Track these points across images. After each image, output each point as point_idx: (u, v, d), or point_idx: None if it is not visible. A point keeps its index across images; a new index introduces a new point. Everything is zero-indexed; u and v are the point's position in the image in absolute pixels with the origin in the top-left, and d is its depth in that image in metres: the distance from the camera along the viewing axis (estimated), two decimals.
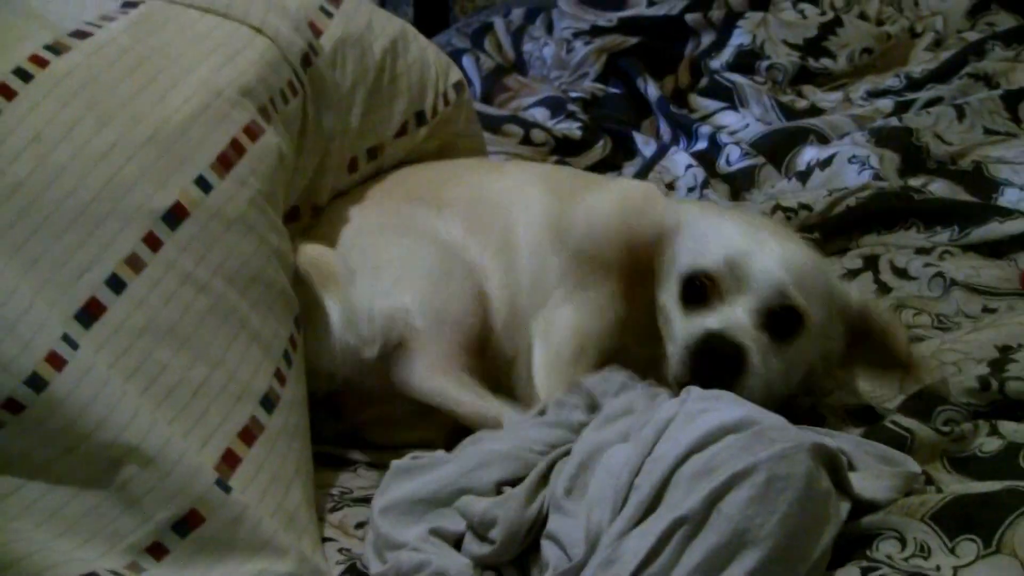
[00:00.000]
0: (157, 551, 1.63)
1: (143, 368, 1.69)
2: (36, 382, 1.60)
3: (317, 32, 2.14)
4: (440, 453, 1.84)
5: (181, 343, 1.73)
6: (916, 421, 1.84)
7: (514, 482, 1.73)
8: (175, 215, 1.77)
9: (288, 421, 1.82)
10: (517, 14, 3.65)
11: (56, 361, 1.62)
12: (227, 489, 1.66)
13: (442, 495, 1.74)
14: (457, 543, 1.70)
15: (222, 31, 1.99)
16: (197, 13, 2.00)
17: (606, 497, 1.56)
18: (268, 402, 1.79)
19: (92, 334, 1.67)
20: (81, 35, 1.86)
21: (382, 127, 2.33)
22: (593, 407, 1.80)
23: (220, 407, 1.74)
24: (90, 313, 1.68)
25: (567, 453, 1.74)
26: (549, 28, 3.56)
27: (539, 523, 1.69)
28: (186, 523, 1.64)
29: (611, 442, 1.68)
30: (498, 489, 1.74)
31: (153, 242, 1.74)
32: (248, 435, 1.74)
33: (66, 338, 1.64)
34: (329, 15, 2.20)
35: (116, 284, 1.71)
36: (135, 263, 1.72)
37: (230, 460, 1.71)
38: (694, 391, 1.66)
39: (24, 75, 1.76)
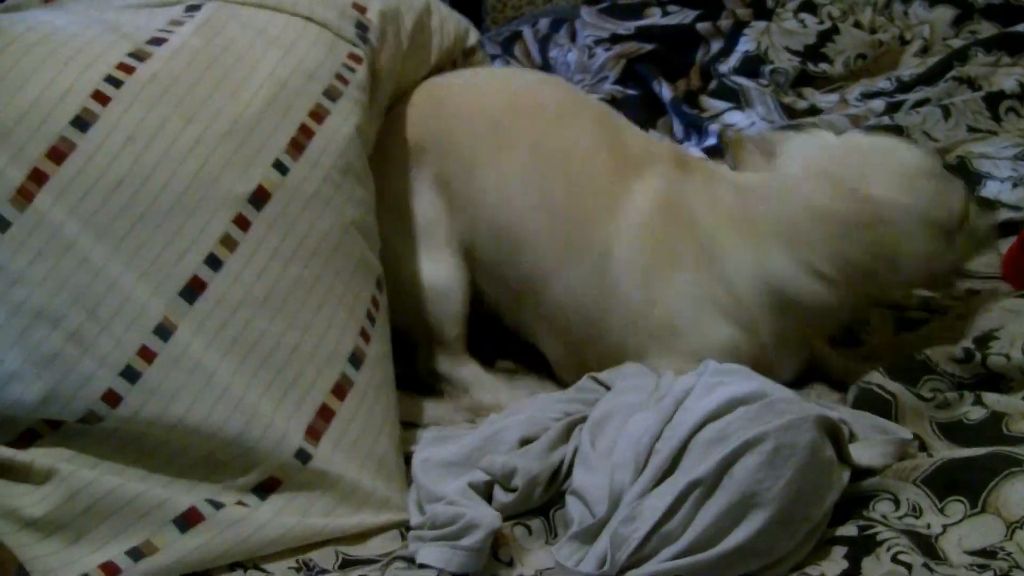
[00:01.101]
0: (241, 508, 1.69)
1: (242, 338, 1.74)
2: (131, 375, 1.66)
3: (361, 10, 2.11)
4: (464, 427, 1.89)
5: (275, 312, 1.77)
6: (900, 385, 1.86)
7: (534, 440, 1.77)
8: (259, 197, 1.80)
9: (375, 375, 1.85)
10: (544, 23, 3.64)
11: (148, 354, 1.68)
12: (306, 458, 1.71)
13: (473, 457, 1.77)
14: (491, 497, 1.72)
15: (277, 24, 1.99)
16: (252, 10, 2.00)
17: (628, 460, 1.58)
18: (356, 359, 1.82)
19: (195, 309, 1.72)
20: (158, 42, 1.86)
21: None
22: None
23: (314, 367, 1.78)
24: (193, 290, 1.73)
25: (583, 419, 1.76)
26: (572, 36, 3.56)
27: (559, 475, 1.71)
28: (263, 488, 1.71)
29: (627, 404, 1.71)
30: (518, 444, 1.77)
31: (243, 223, 1.78)
32: (340, 390, 1.78)
33: (160, 329, 1.69)
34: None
35: (214, 262, 1.74)
36: (229, 243, 1.76)
37: (325, 414, 1.76)
38: (711, 365, 1.67)
39: (115, 82, 1.77)
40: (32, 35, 1.79)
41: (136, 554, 1.63)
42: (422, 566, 1.61)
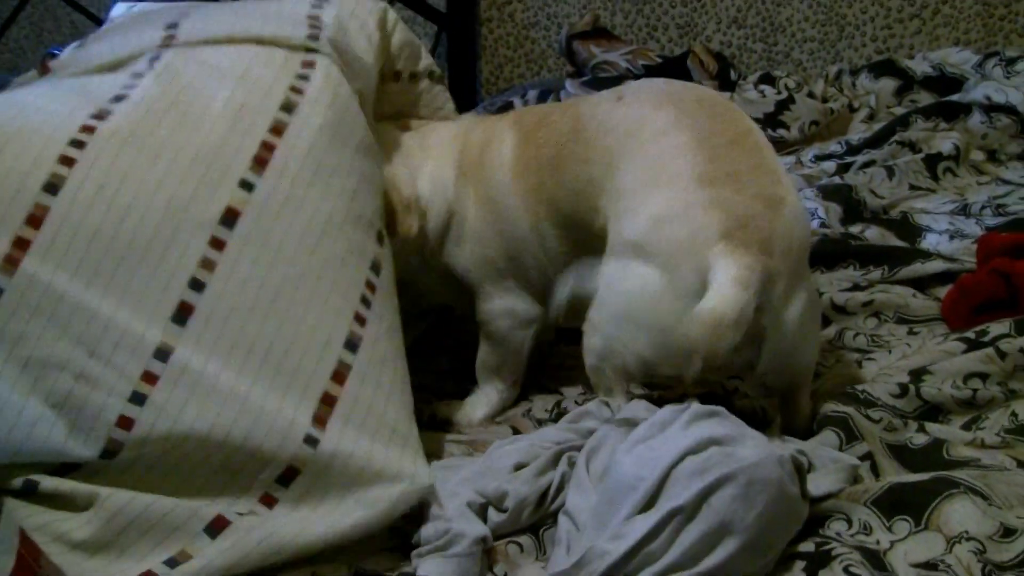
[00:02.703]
0: (268, 501, 1.71)
1: (238, 344, 1.74)
2: (138, 399, 1.67)
3: (315, 19, 2.12)
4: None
5: (265, 315, 1.76)
6: (852, 408, 1.88)
7: (523, 466, 1.78)
8: (229, 217, 1.79)
9: (375, 354, 1.83)
10: (532, 94, 3.66)
11: (151, 378, 1.69)
12: (315, 443, 1.70)
13: (475, 481, 1.77)
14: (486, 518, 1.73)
15: (229, 56, 1.99)
16: (206, 48, 2.01)
17: (619, 490, 1.58)
18: (351, 344, 1.81)
19: (189, 330, 1.72)
20: (119, 99, 1.87)
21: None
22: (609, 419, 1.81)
23: (310, 358, 1.77)
24: (182, 314, 1.72)
25: (572, 448, 1.77)
26: None
27: (547, 498, 1.72)
28: (286, 477, 1.71)
29: (619, 434, 1.72)
30: (511, 470, 1.78)
31: (218, 244, 1.77)
32: (339, 376, 1.77)
33: (159, 352, 1.69)
34: (320, 7, 2.18)
35: (197, 285, 1.74)
36: (208, 264, 1.76)
37: (328, 400, 1.75)
38: (693, 405, 1.67)
39: (79, 144, 1.77)
40: (1, 116, 1.79)
41: (172, 563, 1.64)
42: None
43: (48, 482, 1.67)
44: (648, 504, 1.54)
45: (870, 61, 3.69)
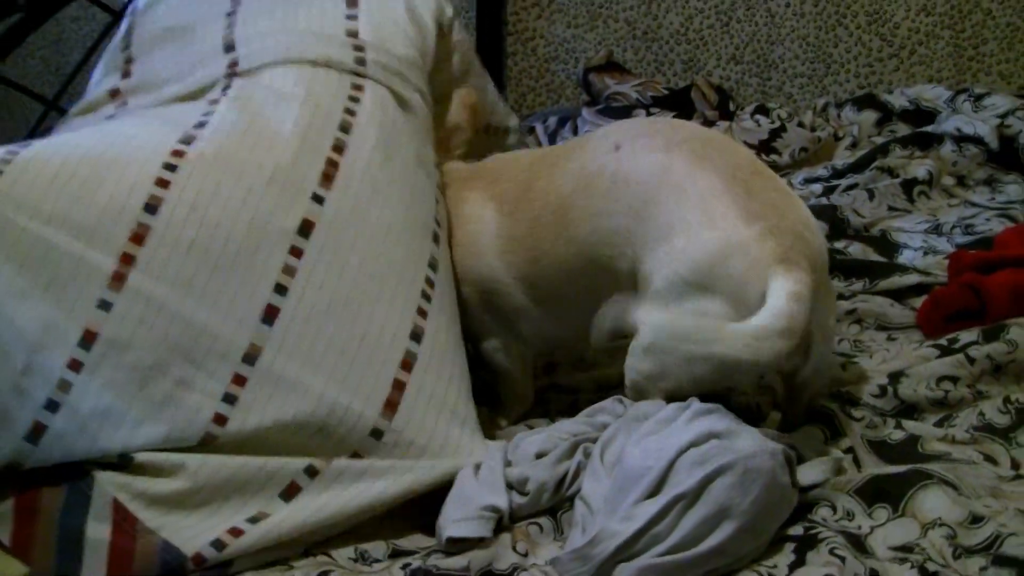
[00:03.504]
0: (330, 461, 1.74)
1: (316, 343, 1.76)
2: (230, 399, 1.70)
3: (353, 34, 2.13)
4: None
5: (339, 314, 1.78)
6: (836, 405, 1.89)
7: (543, 455, 1.78)
8: (306, 228, 1.81)
9: (436, 344, 1.85)
10: (552, 120, 3.65)
11: (240, 380, 1.72)
12: (379, 435, 1.75)
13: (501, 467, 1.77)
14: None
15: (291, 76, 2.00)
16: (268, 71, 2.02)
17: (629, 477, 1.58)
18: (416, 335, 1.83)
19: (275, 331, 1.74)
20: (201, 125, 1.88)
21: None
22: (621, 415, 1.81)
23: (381, 350, 1.79)
24: (270, 315, 1.74)
25: (588, 440, 1.76)
26: (575, 131, 3.56)
27: (564, 483, 1.72)
28: (354, 457, 1.74)
29: (630, 427, 1.71)
30: (531, 458, 1.78)
31: (296, 252, 1.79)
32: (406, 364, 1.80)
33: (247, 357, 1.72)
34: (355, 18, 2.17)
35: (281, 290, 1.76)
36: (289, 270, 1.77)
37: (398, 386, 1.78)
38: (694, 402, 1.67)
39: (172, 167, 1.79)
40: (99, 147, 1.81)
41: (253, 520, 1.67)
42: (450, 550, 1.65)
43: (143, 455, 1.69)
44: (655, 491, 1.54)
45: (853, 95, 3.67)
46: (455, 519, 1.67)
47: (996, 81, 3.80)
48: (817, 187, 3.08)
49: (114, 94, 2.15)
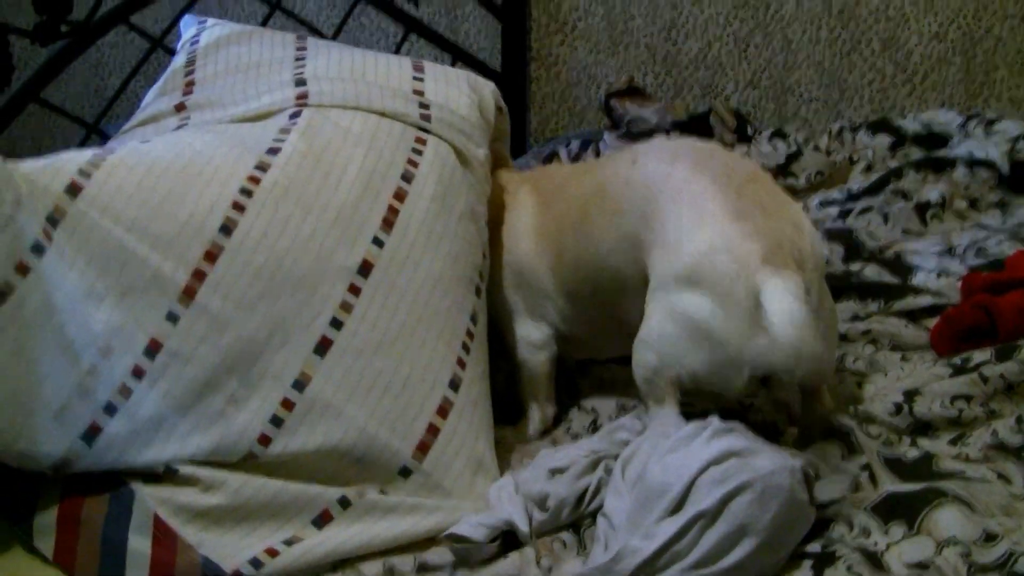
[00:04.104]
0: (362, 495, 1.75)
1: (363, 379, 1.78)
2: (276, 421, 1.73)
3: (420, 92, 2.15)
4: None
5: (387, 354, 1.80)
6: (853, 423, 1.87)
7: (563, 471, 1.79)
8: (365, 268, 1.84)
9: (471, 394, 1.87)
10: (575, 144, 3.64)
11: (288, 404, 1.74)
12: (408, 474, 1.77)
13: (521, 484, 1.79)
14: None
15: (359, 123, 2.02)
16: (338, 111, 2.03)
17: (650, 495, 1.57)
18: (454, 384, 1.85)
19: (326, 362, 1.75)
20: (274, 151, 1.90)
21: None
22: (640, 432, 1.81)
23: (421, 394, 1.82)
24: (323, 346, 1.76)
25: (608, 456, 1.76)
26: (597, 154, 3.55)
27: (584, 499, 1.71)
28: (383, 492, 1.76)
29: (651, 445, 1.71)
30: (551, 475, 1.79)
31: (355, 290, 1.82)
32: (443, 411, 1.82)
33: (296, 383, 1.74)
34: (421, 79, 2.20)
35: (336, 324, 1.79)
36: (346, 306, 1.80)
37: (432, 431, 1.80)
38: (714, 420, 1.66)
39: (247, 192, 1.81)
40: (180, 161, 1.83)
41: (288, 543, 1.69)
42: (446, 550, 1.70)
43: (187, 468, 1.70)
44: (676, 508, 1.53)
45: (868, 120, 3.65)
46: (472, 523, 1.71)
47: (1007, 107, 3.78)
48: (833, 210, 3.06)
49: (179, 108, 2.16)
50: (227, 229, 1.77)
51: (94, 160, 1.79)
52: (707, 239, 1.77)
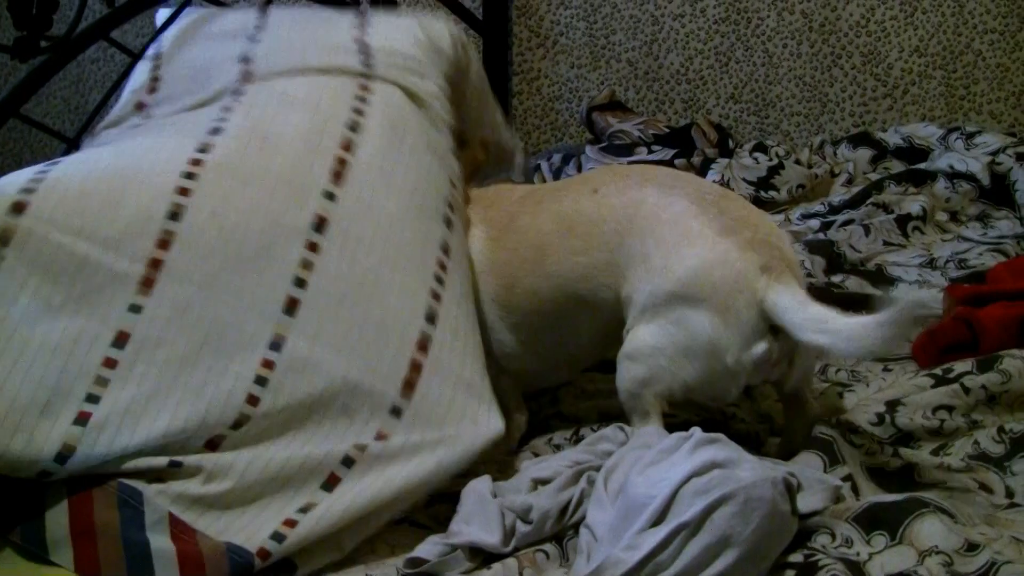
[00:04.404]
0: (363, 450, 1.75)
1: (336, 329, 1.79)
2: (261, 381, 1.74)
3: (360, 41, 2.17)
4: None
5: (356, 301, 1.81)
6: (836, 432, 1.85)
7: (547, 482, 1.78)
8: (319, 223, 1.84)
9: (450, 324, 1.88)
10: (557, 158, 3.65)
11: (269, 364, 1.76)
12: (399, 413, 1.78)
13: (503, 495, 1.77)
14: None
15: (300, 87, 2.05)
16: (280, 80, 2.07)
17: (633, 506, 1.57)
18: (430, 317, 1.86)
19: (298, 320, 1.77)
20: (215, 131, 1.93)
21: None
22: (623, 442, 1.81)
23: (397, 333, 1.82)
24: (291, 307, 1.78)
25: (590, 468, 1.76)
26: (579, 168, 3.56)
27: (567, 511, 1.71)
28: (379, 437, 1.77)
29: (634, 457, 1.70)
30: (534, 486, 1.78)
31: (313, 247, 1.83)
32: (422, 345, 1.82)
33: (273, 344, 1.75)
34: (361, 31, 2.21)
35: (300, 282, 1.80)
36: (307, 264, 1.81)
37: (415, 367, 1.80)
38: (696, 432, 1.66)
39: (191, 176, 1.83)
40: (121, 160, 1.86)
41: (303, 510, 1.69)
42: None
43: (191, 459, 1.71)
44: (658, 520, 1.52)
45: (849, 133, 3.68)
46: (433, 542, 1.70)
47: (987, 120, 3.81)
48: (814, 223, 3.08)
49: (139, 106, 2.21)
50: (175, 215, 1.79)
51: (36, 176, 1.81)
52: (699, 255, 1.78)
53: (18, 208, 1.75)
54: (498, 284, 2.05)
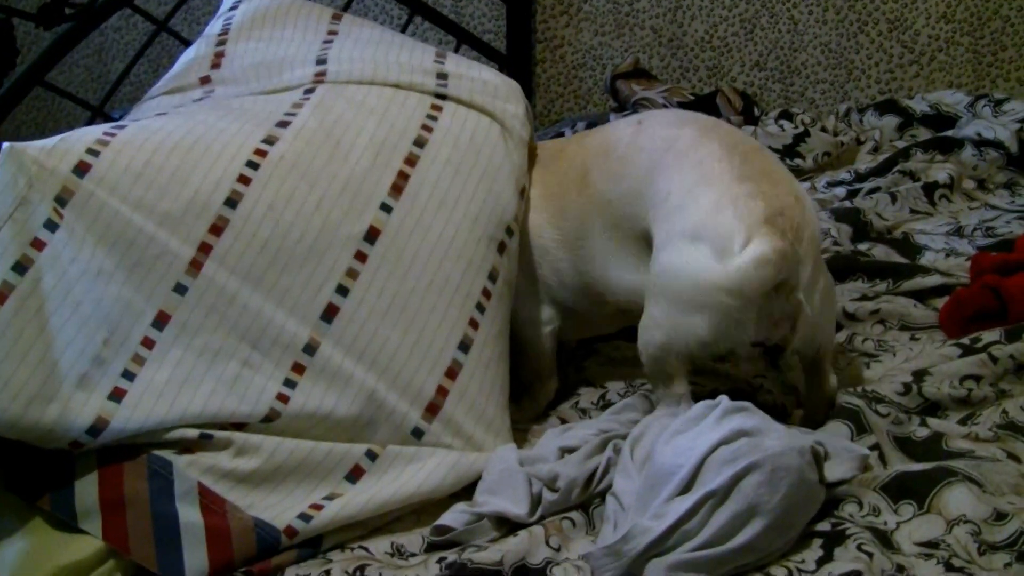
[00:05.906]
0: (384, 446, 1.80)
1: (371, 344, 1.80)
2: (290, 384, 1.77)
3: (442, 70, 2.17)
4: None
5: (395, 320, 1.83)
6: (863, 402, 1.85)
7: (573, 451, 1.79)
8: (372, 235, 1.86)
9: (483, 356, 1.89)
10: (581, 125, 3.64)
11: (299, 368, 1.77)
12: (420, 435, 1.81)
13: (530, 464, 1.79)
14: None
15: (373, 96, 2.05)
16: (353, 87, 2.07)
17: (660, 475, 1.57)
18: (464, 346, 1.87)
19: (333, 328, 1.79)
20: (284, 124, 1.93)
21: None
22: (649, 411, 1.81)
23: (430, 358, 1.84)
24: (330, 314, 1.79)
25: (616, 436, 1.76)
26: None
27: (594, 479, 1.71)
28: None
29: (660, 425, 1.72)
30: (561, 455, 1.79)
31: (361, 257, 1.84)
32: (452, 373, 1.84)
33: (307, 348, 1.77)
34: (442, 63, 2.21)
35: (343, 291, 1.81)
36: (352, 274, 1.83)
37: (442, 392, 1.82)
38: (724, 400, 1.66)
39: (254, 165, 1.84)
40: (189, 137, 1.85)
41: (329, 498, 1.72)
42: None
43: (221, 433, 1.73)
44: (685, 488, 1.53)
45: (875, 101, 3.65)
46: (459, 510, 1.72)
47: (1015, 87, 3.77)
48: (840, 191, 3.06)
49: (204, 80, 2.22)
50: (232, 202, 1.80)
51: (103, 138, 1.81)
52: (713, 199, 1.80)
53: (81, 169, 1.77)
54: (552, 209, 2.10)
